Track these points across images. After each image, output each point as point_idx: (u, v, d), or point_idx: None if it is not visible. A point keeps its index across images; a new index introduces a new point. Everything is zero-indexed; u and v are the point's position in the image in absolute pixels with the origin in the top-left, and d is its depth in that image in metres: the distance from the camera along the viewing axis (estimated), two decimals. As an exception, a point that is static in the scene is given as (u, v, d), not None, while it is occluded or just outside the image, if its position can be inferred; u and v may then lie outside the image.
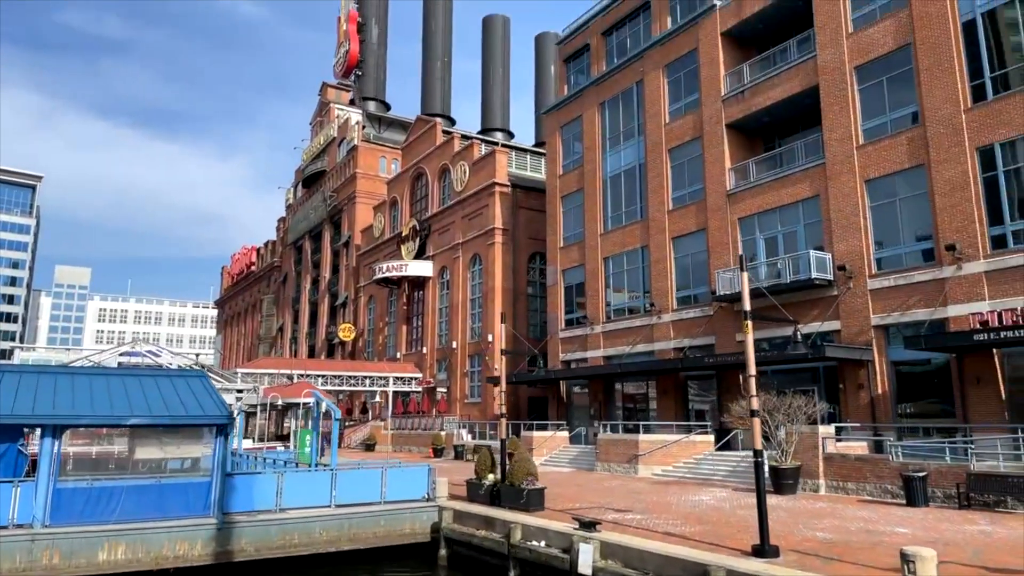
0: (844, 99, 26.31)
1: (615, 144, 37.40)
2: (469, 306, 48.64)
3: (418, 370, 52.60)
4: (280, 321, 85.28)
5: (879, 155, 25.05)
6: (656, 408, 32.85)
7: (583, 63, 41.41)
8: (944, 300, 22.56)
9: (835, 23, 26.92)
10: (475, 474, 20.66)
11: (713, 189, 31.07)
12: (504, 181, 46.99)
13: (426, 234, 54.21)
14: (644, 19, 37.08)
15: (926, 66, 23.78)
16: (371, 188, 68.41)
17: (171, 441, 18.43)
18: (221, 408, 17.86)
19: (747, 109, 30.15)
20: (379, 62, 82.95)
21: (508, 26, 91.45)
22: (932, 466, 18.73)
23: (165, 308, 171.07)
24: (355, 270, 66.54)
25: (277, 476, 18.33)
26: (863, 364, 24.59)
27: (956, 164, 22.69)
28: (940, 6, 23.56)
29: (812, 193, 27.16)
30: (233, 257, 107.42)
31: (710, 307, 30.55)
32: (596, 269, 37.23)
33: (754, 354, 23.72)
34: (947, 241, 22.57)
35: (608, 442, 28.59)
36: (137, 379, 19.04)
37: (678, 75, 34.03)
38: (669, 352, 32.22)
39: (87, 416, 15.95)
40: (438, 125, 56.23)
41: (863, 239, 25.15)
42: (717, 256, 30.42)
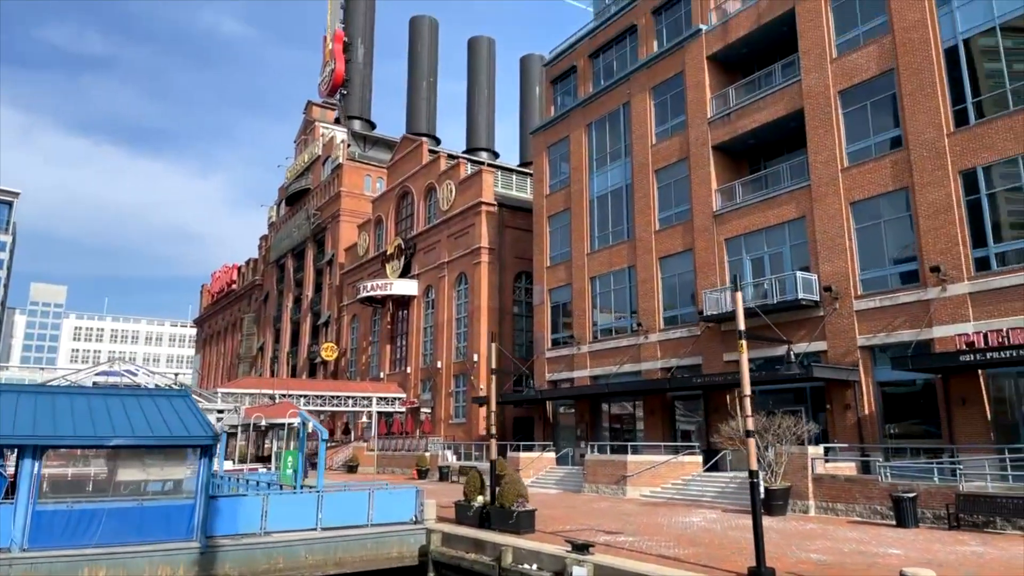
0: (829, 122, 26.70)
1: (602, 164, 37.63)
2: (454, 325, 48.41)
3: (402, 390, 52.15)
4: (261, 340, 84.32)
5: (864, 178, 25.39)
6: (643, 428, 32.75)
7: (570, 84, 41.75)
8: (929, 321, 22.78)
9: (819, 48, 27.38)
10: (464, 496, 20.38)
11: (700, 210, 31.29)
12: (491, 200, 47.06)
13: (411, 253, 54.03)
14: (631, 42, 37.52)
15: (909, 91, 24.22)
16: (355, 206, 68.20)
17: (154, 462, 17.99)
18: (206, 428, 17.50)
19: (733, 131, 30.49)
20: (365, 81, 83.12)
21: (493, 48, 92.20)
22: (921, 487, 18.78)
23: (142, 327, 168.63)
24: (338, 289, 66.07)
25: (262, 498, 17.93)
26: (850, 384, 24.71)
27: (939, 187, 23.04)
28: (922, 33, 24.06)
29: (798, 214, 27.43)
30: (213, 275, 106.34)
31: (697, 327, 30.62)
32: (583, 289, 37.25)
33: (733, 374, 23.64)
34: (931, 263, 22.84)
35: (596, 463, 28.41)
36: (119, 399, 18.61)
37: (664, 97, 34.38)
38: (656, 372, 32.21)
39: (69, 437, 15.53)
40: (424, 144, 56.32)
41: (849, 260, 25.39)
42: (704, 276, 30.56)
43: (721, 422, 28.66)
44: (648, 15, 36.16)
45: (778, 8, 29.33)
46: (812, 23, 27.76)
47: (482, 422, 43.94)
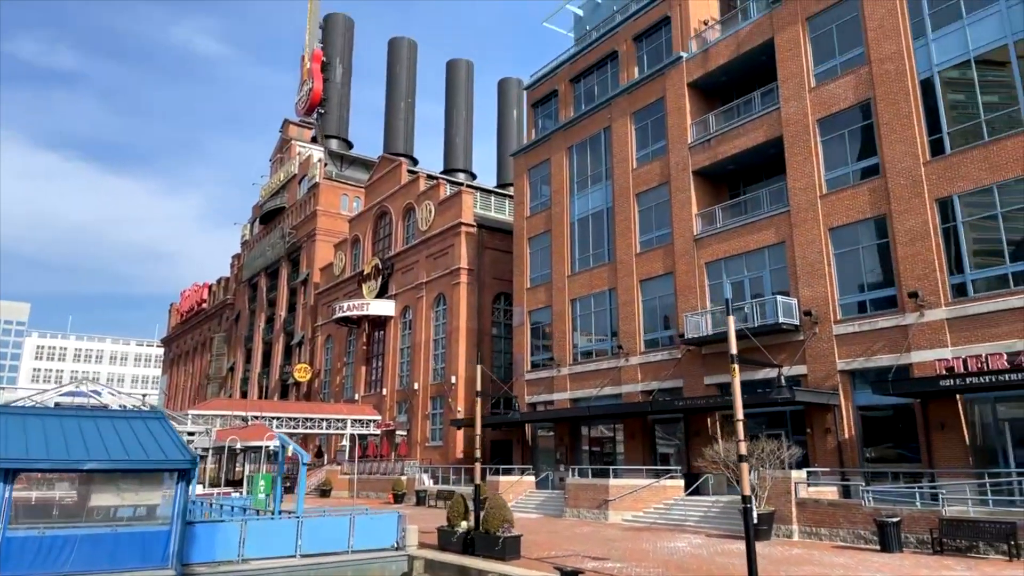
0: (807, 150, 27.17)
1: (583, 187, 37.84)
2: (432, 346, 48.00)
3: (377, 412, 51.42)
4: (231, 360, 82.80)
5: (842, 204, 25.82)
6: (624, 452, 32.62)
7: (551, 108, 42.05)
8: (908, 346, 23.09)
9: (798, 77, 27.94)
10: (447, 521, 20.01)
11: (680, 233, 31.54)
12: (470, 221, 46.99)
13: (389, 273, 53.63)
14: (612, 67, 37.96)
15: (886, 120, 24.76)
16: (332, 226, 67.69)
17: (129, 487, 17.39)
18: (183, 452, 16.98)
19: (714, 157, 30.87)
20: (342, 101, 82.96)
21: (472, 70, 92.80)
22: (905, 512, 18.87)
23: (107, 346, 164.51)
24: (313, 308, 65.27)
25: (240, 524, 17.42)
26: (830, 408, 24.89)
27: (916, 214, 23.50)
28: (898, 64, 24.67)
29: (778, 240, 27.76)
30: (183, 294, 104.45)
31: (678, 350, 30.71)
32: (563, 311, 37.22)
33: (721, 397, 23.70)
34: (909, 289, 23.21)
35: (577, 487, 28.16)
36: (93, 421, 18.01)
37: (645, 122, 34.76)
38: (637, 395, 32.17)
39: (43, 460, 14.95)
40: (403, 164, 56.22)
41: (828, 285, 25.72)
42: (685, 299, 30.72)
43: (702, 446, 28.68)
44: (629, 41, 36.66)
45: (757, 38, 29.91)
46: (791, 53, 28.34)
47: (459, 445, 43.49)
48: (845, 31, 26.84)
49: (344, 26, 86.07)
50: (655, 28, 35.52)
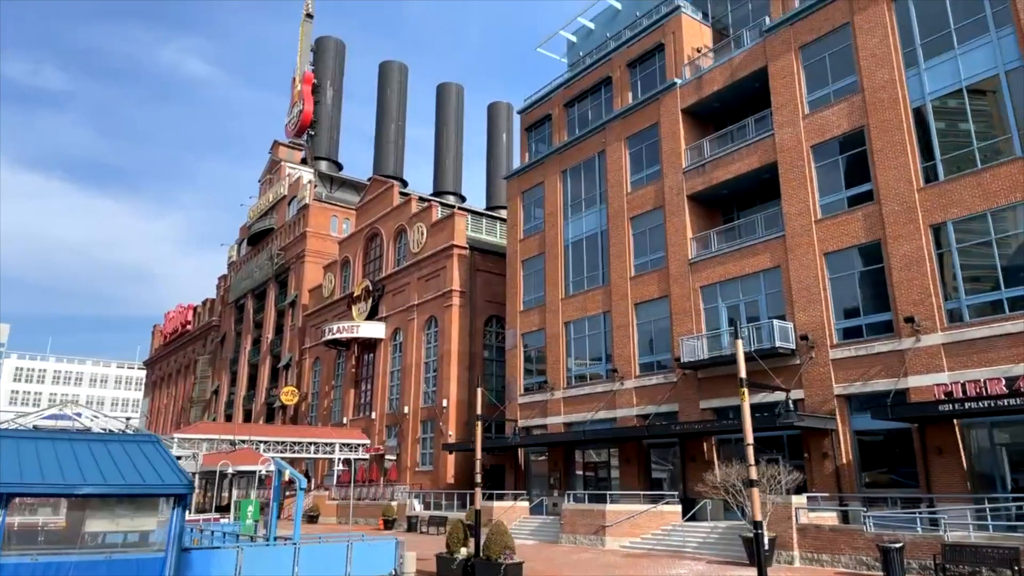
0: (802, 175, 27.48)
1: (577, 211, 37.99)
2: (423, 369, 47.64)
3: (366, 436, 50.79)
4: (216, 383, 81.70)
5: (837, 229, 26.07)
6: (619, 476, 32.39)
7: (544, 132, 42.33)
8: (905, 371, 23.21)
9: (792, 104, 28.34)
10: (446, 547, 19.68)
11: (675, 257, 31.67)
12: (463, 243, 46.98)
13: (379, 295, 53.35)
14: (605, 93, 38.35)
15: (879, 147, 25.13)
16: (321, 247, 67.41)
17: (125, 512, 16.93)
18: (180, 476, 16.58)
19: (708, 182, 31.14)
20: (333, 123, 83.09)
21: (462, 94, 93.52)
22: (907, 537, 18.80)
23: (87, 368, 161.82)
24: (301, 331, 64.70)
25: (236, 551, 17.02)
26: (827, 433, 24.89)
27: (911, 240, 23.76)
28: (891, 92, 25.10)
29: (773, 264, 27.94)
30: (167, 315, 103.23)
31: (673, 374, 30.68)
32: (557, 334, 37.14)
33: (718, 422, 23.66)
34: (905, 314, 23.39)
35: (573, 512, 27.86)
36: (86, 444, 17.57)
37: (639, 147, 35.07)
38: (632, 419, 32.04)
39: (38, 484, 14.51)
40: (395, 186, 56.24)
41: (824, 310, 25.86)
42: (680, 323, 30.76)
43: (699, 470, 28.60)
44: (623, 68, 37.09)
45: (751, 65, 30.36)
46: (784, 80, 28.77)
47: (450, 470, 43.02)
48: (838, 59, 27.32)
49: (335, 50, 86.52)
50: (649, 55, 35.98)
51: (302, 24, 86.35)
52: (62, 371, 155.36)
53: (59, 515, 19.90)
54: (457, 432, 43.48)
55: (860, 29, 26.44)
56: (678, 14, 34.59)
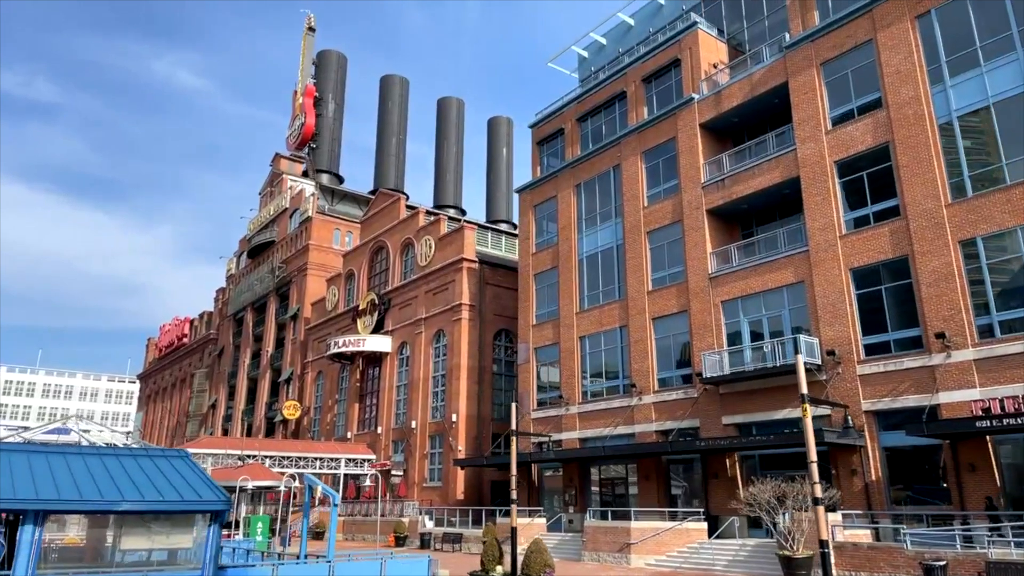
0: (825, 190, 27.48)
1: (591, 225, 37.87)
2: (431, 383, 47.20)
3: (371, 451, 50.25)
4: (213, 397, 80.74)
5: (863, 245, 26.03)
6: (638, 493, 32.03)
7: (557, 146, 42.29)
8: (935, 387, 23.09)
9: (814, 120, 28.40)
10: (480, 565, 19.31)
11: (695, 272, 31.56)
12: (472, 257, 46.75)
13: (385, 308, 52.95)
14: (620, 107, 38.38)
15: (905, 163, 25.16)
16: (324, 260, 67.00)
17: (161, 529, 16.49)
18: (216, 492, 16.15)
19: (728, 197, 31.10)
20: (334, 136, 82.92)
21: (463, 108, 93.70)
22: (949, 555, 18.59)
23: (77, 381, 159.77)
24: (303, 344, 64.11)
25: (272, 568, 16.61)
26: (856, 449, 24.70)
27: (940, 256, 23.74)
28: (917, 109, 25.19)
29: (796, 279, 27.86)
30: (162, 328, 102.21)
31: (694, 389, 30.46)
32: (572, 348, 36.87)
33: (742, 438, 23.33)
34: (935, 329, 23.30)
35: (596, 530, 27.48)
36: (116, 459, 17.12)
37: (656, 161, 35.05)
38: (651, 435, 31.76)
39: (76, 501, 14.06)
40: (402, 200, 56.02)
41: (850, 325, 25.75)
42: (700, 338, 30.58)
43: (722, 487, 28.37)
44: (638, 83, 37.16)
45: (771, 81, 30.46)
46: (806, 96, 28.85)
47: (460, 485, 42.52)
48: (861, 75, 27.42)
49: (337, 63, 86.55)
50: (664, 70, 36.06)
51: (304, 37, 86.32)
52: (52, 384, 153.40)
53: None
54: (467, 447, 43.02)
55: (884, 46, 26.57)
56: (695, 30, 34.73)
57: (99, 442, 37.47)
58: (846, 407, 24.49)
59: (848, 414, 24.30)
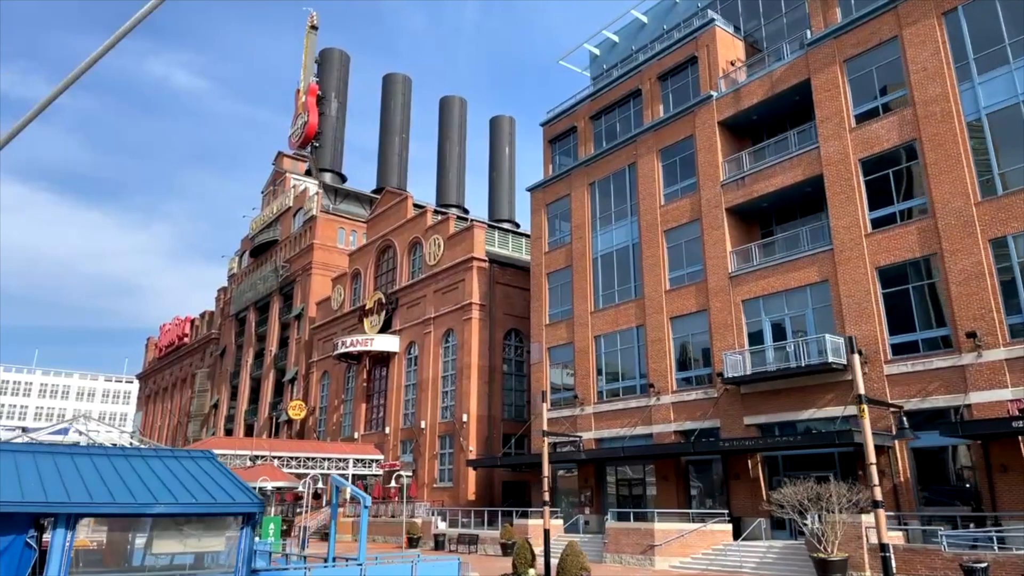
0: (850, 188, 27.20)
1: (606, 223, 37.54)
2: (440, 383, 46.80)
3: (379, 452, 49.83)
4: (215, 397, 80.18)
5: (889, 243, 25.76)
6: (656, 494, 31.71)
7: (569, 144, 41.95)
8: (966, 387, 22.83)
9: (837, 117, 28.12)
10: (512, 568, 18.96)
11: (714, 271, 31.26)
12: (482, 256, 46.38)
13: (393, 308, 52.53)
14: (635, 105, 38.07)
15: (933, 160, 24.90)
16: (328, 259, 66.54)
17: (193, 532, 16.09)
18: (249, 495, 15.79)
19: (748, 195, 30.81)
20: (337, 135, 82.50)
21: (465, 107, 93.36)
22: (989, 556, 18.32)
23: (74, 381, 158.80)
24: (308, 344, 63.63)
25: (304, 572, 16.26)
26: (884, 450, 24.42)
27: (969, 254, 23.48)
28: (944, 106, 24.92)
29: (820, 278, 27.58)
30: (162, 328, 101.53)
31: (714, 389, 30.16)
32: (586, 347, 36.53)
33: (764, 438, 22.97)
34: (965, 329, 23.03)
35: (618, 531, 27.15)
36: (143, 460, 16.73)
37: (673, 159, 34.74)
38: (669, 435, 31.44)
39: (108, 504, 13.65)
40: (409, 198, 55.59)
41: (876, 324, 25.47)
42: (720, 337, 30.28)
43: (743, 488, 28.06)
44: (654, 80, 36.85)
45: (792, 78, 30.17)
46: (829, 94, 28.58)
47: (472, 486, 42.15)
48: (886, 73, 27.16)
49: (340, 61, 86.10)
50: (681, 68, 35.76)
51: (306, 36, 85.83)
52: (49, 384, 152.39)
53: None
54: (478, 447, 42.65)
55: (909, 43, 26.31)
56: (712, 27, 34.44)
57: (106, 443, 37.00)
58: (900, 408, 23.83)
59: (901, 414, 23.58)
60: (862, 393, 13.19)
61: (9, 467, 14.39)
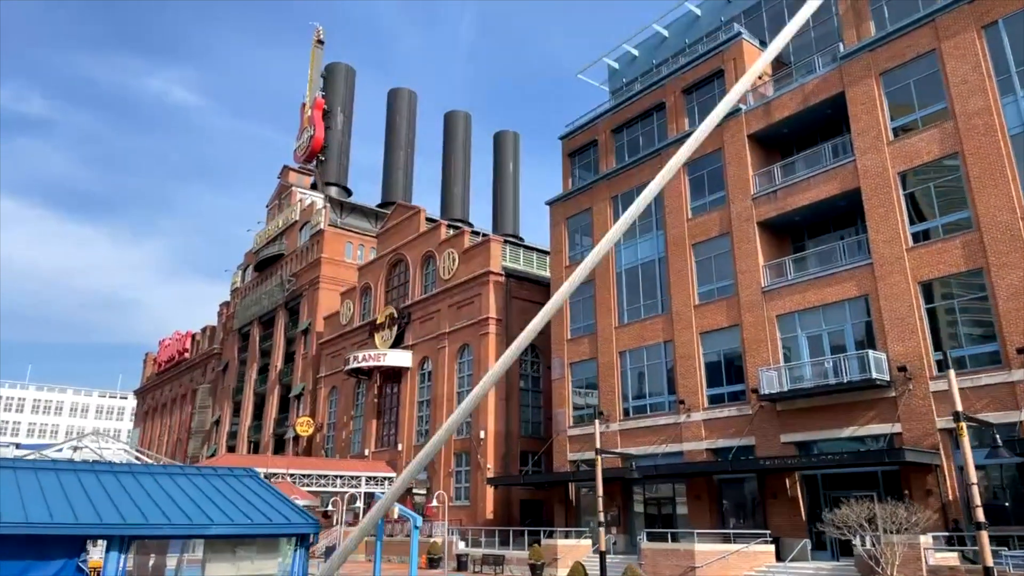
0: (889, 202, 26.83)
1: (630, 237, 37.08)
2: (456, 399, 45.98)
3: (392, 469, 48.89)
4: (217, 413, 78.93)
5: (932, 258, 25.35)
6: (687, 513, 31.00)
7: (590, 158, 41.60)
8: (1016, 403, 22.33)
9: (874, 130, 27.82)
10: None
11: (746, 285, 30.78)
12: (499, 270, 45.82)
13: (405, 322, 51.81)
14: (658, 118, 37.78)
15: (976, 174, 24.57)
16: (336, 274, 65.82)
17: (247, 555, 15.34)
18: (304, 515, 15.09)
19: (780, 209, 30.43)
20: (343, 149, 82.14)
21: (469, 122, 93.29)
22: (1059, 580, 17.74)
23: (67, 397, 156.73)
24: (315, 359, 62.73)
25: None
26: (931, 469, 23.87)
27: (1018, 269, 23.09)
28: (987, 119, 24.64)
29: (859, 293, 27.13)
30: (162, 343, 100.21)
31: (748, 406, 29.57)
32: (611, 363, 35.92)
33: (808, 457, 22.28)
34: (1015, 344, 22.59)
35: (656, 553, 26.40)
36: (187, 478, 16.00)
37: (700, 173, 34.39)
38: (701, 453, 30.80)
39: (164, 525, 12.94)
40: (422, 212, 55.06)
41: (921, 340, 25.00)
42: (754, 353, 29.74)
43: (781, 508, 27.41)
44: (678, 94, 36.59)
45: (825, 91, 29.92)
46: (865, 107, 28.30)
47: (490, 505, 41.30)
48: (924, 86, 26.92)
49: (345, 76, 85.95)
50: (706, 81, 35.53)
51: (312, 50, 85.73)
52: (42, 399, 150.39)
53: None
54: (496, 465, 41.84)
55: (949, 56, 26.09)
56: (738, 40, 34.27)
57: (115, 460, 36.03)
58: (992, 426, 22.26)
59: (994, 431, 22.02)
60: (959, 410, 12.65)
61: (53, 485, 13.68)
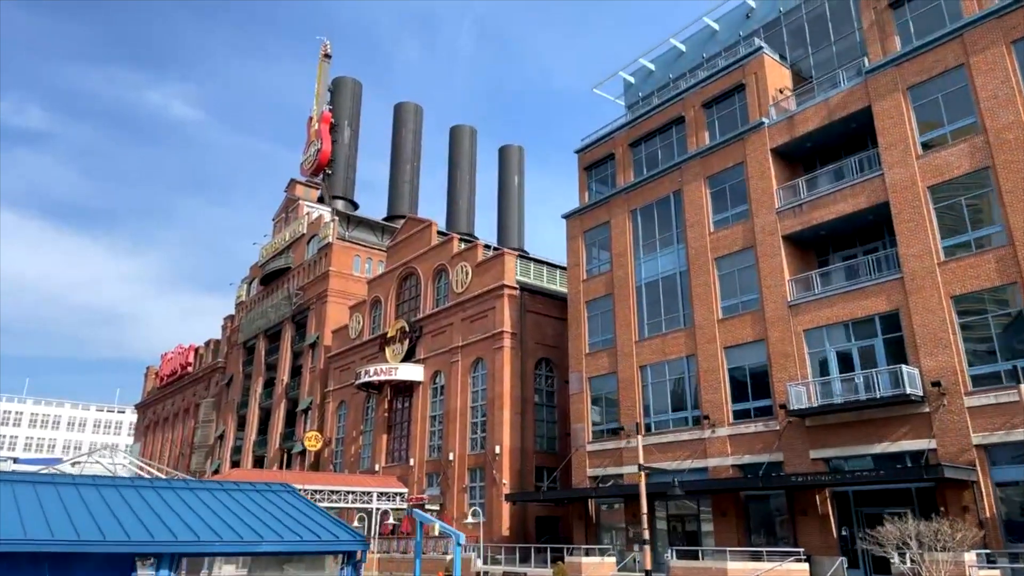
0: (919, 216, 26.68)
1: (650, 251, 36.88)
2: (470, 414, 45.59)
3: (403, 484, 48.33)
4: (221, 427, 78.26)
5: (964, 272, 25.17)
6: (712, 530, 30.57)
7: (606, 172, 41.49)
8: (1056, 419, 22.07)
9: (902, 144, 27.72)
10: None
11: (772, 299, 30.55)
12: (513, 283, 45.57)
13: (417, 336, 51.44)
14: (677, 132, 37.71)
15: (1009, 188, 24.45)
16: (344, 287, 65.53)
17: (295, 572, 14.99)
18: (351, 532, 14.72)
19: (806, 223, 30.27)
20: (349, 162, 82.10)
21: (475, 136, 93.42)
22: (1113, 600, 17.37)
23: (65, 411, 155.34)
24: (323, 373, 62.26)
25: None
26: (967, 485, 23.54)
27: (1054, 283, 22.90)
28: (1017, 134, 24.56)
29: (889, 307, 26.90)
30: (164, 357, 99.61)
31: (775, 421, 29.25)
32: (631, 378, 35.58)
33: (839, 474, 21.88)
34: (1053, 359, 22.36)
35: (686, 571, 25.95)
36: (227, 493, 15.63)
37: (722, 187, 34.25)
38: (726, 469, 30.41)
39: (215, 542, 12.58)
40: (433, 225, 54.86)
41: (954, 355, 24.75)
42: (781, 368, 29.46)
43: (811, 525, 27.03)
44: (698, 108, 36.55)
45: (851, 105, 29.87)
46: (892, 120, 28.23)
47: (506, 521, 40.76)
48: (953, 100, 26.86)
49: (352, 90, 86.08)
50: (727, 95, 35.51)
51: (319, 64, 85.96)
52: (39, 414, 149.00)
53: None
54: (512, 481, 41.34)
55: (977, 70, 26.06)
56: (760, 55, 34.27)
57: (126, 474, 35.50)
58: None
59: None
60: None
61: (97, 501, 13.34)
